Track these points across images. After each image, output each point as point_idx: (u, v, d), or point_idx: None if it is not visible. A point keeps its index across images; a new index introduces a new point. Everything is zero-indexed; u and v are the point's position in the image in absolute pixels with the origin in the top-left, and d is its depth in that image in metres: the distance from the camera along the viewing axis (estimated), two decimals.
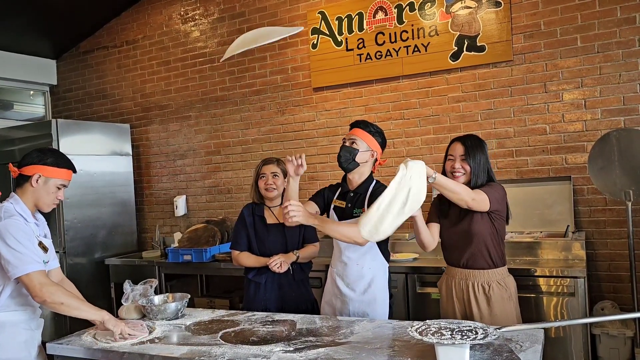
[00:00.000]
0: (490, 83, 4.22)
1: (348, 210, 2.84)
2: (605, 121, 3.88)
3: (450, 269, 2.77)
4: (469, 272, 2.66)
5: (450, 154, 2.73)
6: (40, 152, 2.52)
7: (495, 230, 2.65)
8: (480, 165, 2.65)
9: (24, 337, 2.40)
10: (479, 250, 2.63)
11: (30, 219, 2.44)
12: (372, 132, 2.82)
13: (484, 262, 2.64)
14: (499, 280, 2.65)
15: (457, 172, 2.67)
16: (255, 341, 2.27)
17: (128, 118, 5.86)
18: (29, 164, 2.47)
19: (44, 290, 2.27)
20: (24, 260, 2.27)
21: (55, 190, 2.49)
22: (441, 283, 2.84)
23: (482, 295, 2.62)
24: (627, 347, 3.51)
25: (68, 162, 2.56)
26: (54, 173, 2.48)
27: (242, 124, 5.26)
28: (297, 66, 4.95)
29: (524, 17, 4.08)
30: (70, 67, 6.24)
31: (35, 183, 2.45)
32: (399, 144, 4.54)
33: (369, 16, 4.58)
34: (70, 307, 2.32)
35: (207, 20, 5.39)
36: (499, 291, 2.62)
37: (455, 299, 2.70)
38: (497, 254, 2.67)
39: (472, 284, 2.65)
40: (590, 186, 3.88)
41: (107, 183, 5.38)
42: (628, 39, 3.80)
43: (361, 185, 2.85)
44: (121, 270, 5.03)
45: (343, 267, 2.88)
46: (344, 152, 2.80)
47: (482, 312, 2.60)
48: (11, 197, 2.48)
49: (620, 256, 3.84)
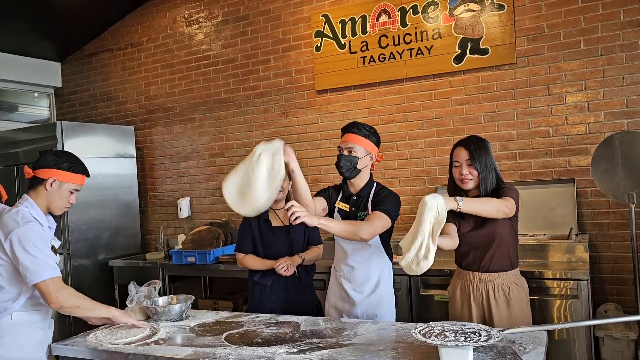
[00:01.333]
0: (493, 86, 4.22)
1: (352, 213, 2.85)
2: (609, 124, 3.88)
3: (466, 273, 2.69)
4: (489, 275, 2.61)
5: (455, 160, 2.66)
6: (57, 155, 2.50)
7: (514, 231, 2.63)
8: (487, 167, 2.60)
9: (40, 337, 2.43)
10: (502, 252, 2.59)
11: (45, 223, 2.45)
12: (366, 135, 2.80)
13: (506, 264, 2.61)
14: (516, 281, 2.62)
15: (465, 178, 2.61)
16: (260, 343, 2.27)
17: (132, 120, 5.88)
18: (44, 167, 2.45)
19: (59, 295, 2.30)
20: (41, 267, 2.28)
21: (68, 194, 2.50)
22: (454, 288, 2.75)
23: (502, 297, 2.58)
24: (630, 349, 3.51)
25: (83, 168, 2.56)
26: (69, 178, 2.48)
27: (246, 127, 5.27)
28: (301, 69, 4.97)
29: (527, 20, 4.09)
30: (75, 69, 6.27)
31: (49, 187, 2.44)
32: (402, 147, 4.55)
33: (372, 19, 4.59)
34: (86, 309, 2.39)
35: (211, 23, 5.41)
36: (518, 292, 2.60)
37: (473, 303, 2.63)
38: (515, 255, 2.65)
39: (492, 287, 2.60)
40: (594, 189, 3.88)
41: (111, 185, 5.40)
42: (631, 42, 3.80)
43: (363, 189, 2.86)
44: (125, 272, 5.05)
45: (350, 271, 2.88)
46: (344, 162, 2.78)
47: (501, 314, 2.56)
48: (24, 199, 2.45)
49: (623, 258, 3.84)
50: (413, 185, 4.54)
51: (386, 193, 2.82)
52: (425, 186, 4.48)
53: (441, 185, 4.36)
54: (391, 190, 2.86)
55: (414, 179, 4.54)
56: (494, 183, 2.62)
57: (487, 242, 2.60)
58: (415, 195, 4.51)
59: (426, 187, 4.47)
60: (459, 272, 2.76)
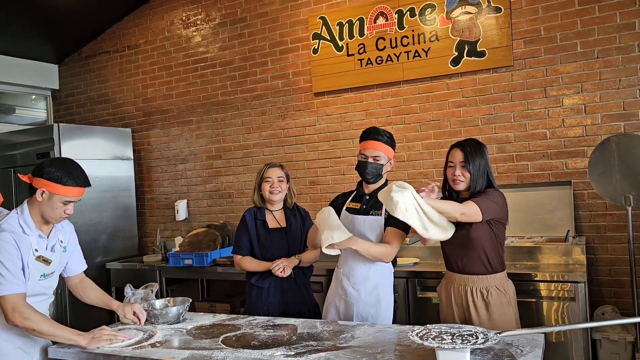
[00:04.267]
0: (490, 88, 4.23)
1: (363, 210, 2.89)
2: (605, 126, 3.89)
3: (450, 274, 2.77)
4: (468, 277, 2.66)
5: (450, 160, 2.72)
6: (51, 164, 2.36)
7: (494, 236, 2.64)
8: (479, 171, 2.64)
9: (18, 343, 2.38)
10: (477, 255, 2.63)
11: (32, 232, 2.38)
12: (387, 142, 2.88)
13: (482, 268, 2.64)
14: (498, 285, 2.64)
15: (457, 179, 2.66)
16: (257, 345, 2.27)
17: (129, 122, 5.88)
18: (37, 175, 2.35)
19: (15, 314, 2.24)
20: (2, 282, 2.23)
21: (60, 206, 2.36)
22: (440, 288, 2.84)
23: (480, 300, 2.62)
24: (627, 352, 3.51)
25: (77, 180, 2.38)
26: (58, 190, 2.33)
27: (243, 129, 5.27)
28: (298, 71, 4.97)
29: (524, 23, 4.10)
30: (72, 71, 6.26)
31: (40, 197, 2.35)
32: (400, 149, 4.54)
33: (369, 21, 4.60)
34: (43, 333, 2.31)
35: (208, 25, 5.42)
36: (498, 296, 2.62)
37: (454, 304, 2.69)
38: (496, 260, 2.66)
39: (470, 289, 2.64)
40: (591, 191, 3.88)
41: (108, 187, 5.39)
42: (628, 45, 3.82)
43: (378, 189, 2.86)
44: (122, 274, 5.04)
45: (350, 267, 2.89)
46: (370, 169, 2.85)
47: (481, 317, 2.60)
48: (22, 205, 2.41)
49: (620, 261, 3.85)
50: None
51: None
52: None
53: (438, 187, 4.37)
54: None
55: (411, 181, 4.48)
56: (484, 187, 2.65)
57: (462, 245, 2.64)
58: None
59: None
60: (446, 273, 2.83)
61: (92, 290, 2.76)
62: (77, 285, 2.74)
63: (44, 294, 2.49)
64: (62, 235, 2.57)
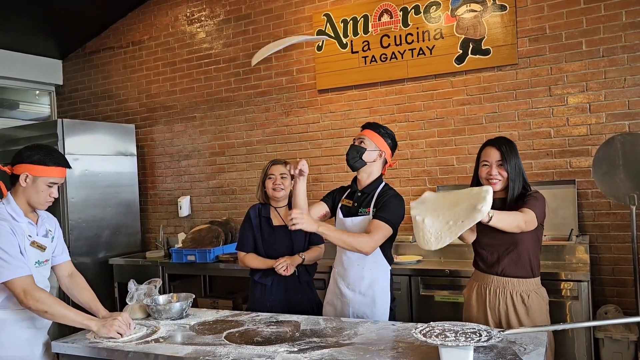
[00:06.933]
0: (494, 86, 4.22)
1: (354, 209, 2.85)
2: (610, 125, 3.88)
3: (482, 275, 2.64)
4: (507, 280, 2.54)
5: (485, 159, 2.59)
6: (30, 149, 2.43)
7: (536, 239, 2.57)
8: (516, 170, 2.54)
9: (27, 336, 2.40)
10: (522, 258, 2.53)
11: (21, 219, 2.40)
12: (381, 133, 2.83)
13: (524, 271, 2.54)
14: (537, 289, 2.56)
15: (493, 178, 2.54)
16: (260, 341, 2.27)
17: (133, 118, 5.89)
18: (18, 162, 2.40)
19: (28, 297, 2.25)
20: (5, 267, 2.25)
21: (45, 188, 2.41)
22: (470, 290, 2.70)
23: (520, 304, 2.51)
24: (630, 351, 3.51)
25: (57, 160, 2.44)
26: (41, 171, 2.38)
27: (247, 125, 5.27)
28: (302, 68, 4.97)
29: (529, 21, 4.09)
30: (76, 67, 6.27)
31: (23, 182, 2.38)
32: (403, 147, 4.54)
33: (374, 19, 4.59)
34: (55, 316, 2.30)
35: (212, 21, 5.41)
36: (537, 301, 2.53)
37: (489, 308, 2.58)
38: (536, 263, 2.58)
39: (510, 293, 2.53)
40: (595, 190, 3.88)
41: (111, 183, 5.40)
42: (633, 43, 3.80)
43: (369, 186, 2.85)
44: (125, 270, 5.05)
45: (344, 268, 2.87)
46: (351, 150, 2.82)
47: (522, 322, 2.49)
48: (7, 197, 2.44)
49: (624, 260, 3.84)
50: (414, 185, 4.54)
51: (391, 195, 2.79)
52: (426, 186, 4.47)
53: (442, 186, 4.36)
54: (397, 193, 2.83)
55: (415, 179, 4.54)
56: (521, 187, 2.56)
57: (506, 246, 2.54)
58: (416, 195, 4.49)
59: (427, 187, 4.46)
60: (477, 275, 2.70)
61: (83, 291, 2.67)
62: (67, 282, 2.69)
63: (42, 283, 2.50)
64: (49, 225, 2.59)
